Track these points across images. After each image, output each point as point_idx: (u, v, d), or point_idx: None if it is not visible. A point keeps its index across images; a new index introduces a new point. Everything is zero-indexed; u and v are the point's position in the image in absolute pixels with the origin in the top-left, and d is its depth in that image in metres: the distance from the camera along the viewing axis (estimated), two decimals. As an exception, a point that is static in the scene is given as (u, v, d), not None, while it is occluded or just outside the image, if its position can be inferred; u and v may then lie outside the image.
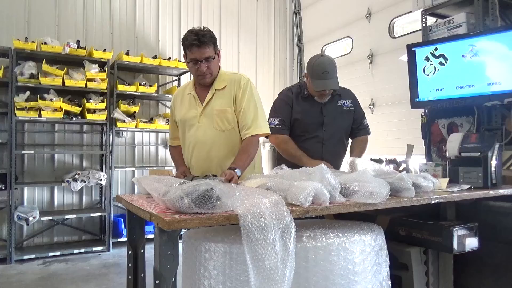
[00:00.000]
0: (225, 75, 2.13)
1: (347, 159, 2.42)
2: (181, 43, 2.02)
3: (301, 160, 2.36)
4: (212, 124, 2.07)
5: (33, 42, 4.18)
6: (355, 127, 2.65)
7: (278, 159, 2.65)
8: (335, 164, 2.52)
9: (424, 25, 3.20)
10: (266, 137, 2.56)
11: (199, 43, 1.94)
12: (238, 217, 1.18)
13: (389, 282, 1.56)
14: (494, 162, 2.01)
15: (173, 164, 2.63)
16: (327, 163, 2.10)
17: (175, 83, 5.29)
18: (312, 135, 2.47)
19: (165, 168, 5.08)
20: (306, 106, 2.50)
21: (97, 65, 4.50)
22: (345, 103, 2.57)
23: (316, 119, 2.49)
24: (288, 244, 1.20)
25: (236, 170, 1.82)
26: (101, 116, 4.47)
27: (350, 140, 2.74)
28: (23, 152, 4.37)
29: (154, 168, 5.21)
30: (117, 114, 4.55)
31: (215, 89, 2.09)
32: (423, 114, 3.14)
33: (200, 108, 2.09)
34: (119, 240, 4.60)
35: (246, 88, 2.08)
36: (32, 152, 4.46)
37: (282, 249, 1.19)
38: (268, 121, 2.46)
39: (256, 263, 1.18)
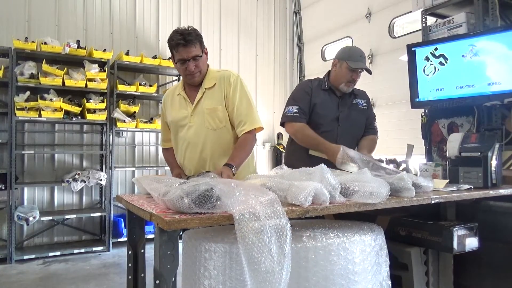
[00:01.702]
0: (214, 72, 2.12)
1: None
2: (167, 43, 2.00)
3: (321, 145, 2.33)
4: (204, 124, 2.06)
5: (33, 42, 4.18)
6: (366, 127, 2.66)
7: (288, 155, 2.66)
8: None
9: (424, 25, 3.20)
10: (287, 124, 2.52)
11: (185, 42, 1.93)
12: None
13: (389, 282, 1.56)
14: (494, 162, 2.01)
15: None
16: (345, 147, 2.16)
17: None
18: (327, 129, 2.46)
19: (165, 168, 5.07)
20: (324, 98, 2.51)
21: (97, 65, 4.50)
22: (360, 102, 2.60)
23: (332, 112, 2.50)
24: (284, 246, 1.18)
25: (232, 168, 1.83)
26: (101, 116, 4.47)
27: None
28: (23, 152, 4.37)
29: (154, 168, 5.21)
30: (117, 114, 4.55)
31: (205, 88, 2.08)
32: (423, 114, 3.14)
33: (191, 108, 2.09)
34: (119, 240, 4.60)
35: (237, 85, 2.07)
36: (32, 152, 4.46)
37: (278, 251, 1.17)
38: (285, 110, 2.50)
39: (252, 267, 1.17)
